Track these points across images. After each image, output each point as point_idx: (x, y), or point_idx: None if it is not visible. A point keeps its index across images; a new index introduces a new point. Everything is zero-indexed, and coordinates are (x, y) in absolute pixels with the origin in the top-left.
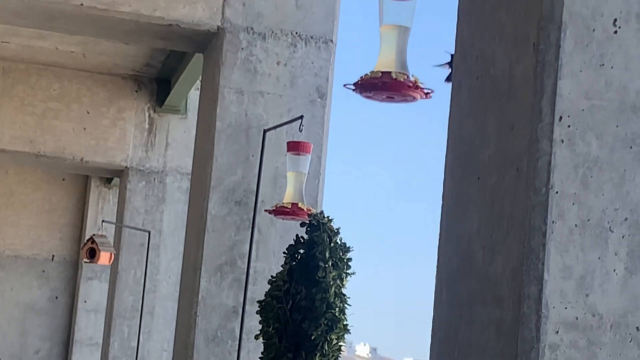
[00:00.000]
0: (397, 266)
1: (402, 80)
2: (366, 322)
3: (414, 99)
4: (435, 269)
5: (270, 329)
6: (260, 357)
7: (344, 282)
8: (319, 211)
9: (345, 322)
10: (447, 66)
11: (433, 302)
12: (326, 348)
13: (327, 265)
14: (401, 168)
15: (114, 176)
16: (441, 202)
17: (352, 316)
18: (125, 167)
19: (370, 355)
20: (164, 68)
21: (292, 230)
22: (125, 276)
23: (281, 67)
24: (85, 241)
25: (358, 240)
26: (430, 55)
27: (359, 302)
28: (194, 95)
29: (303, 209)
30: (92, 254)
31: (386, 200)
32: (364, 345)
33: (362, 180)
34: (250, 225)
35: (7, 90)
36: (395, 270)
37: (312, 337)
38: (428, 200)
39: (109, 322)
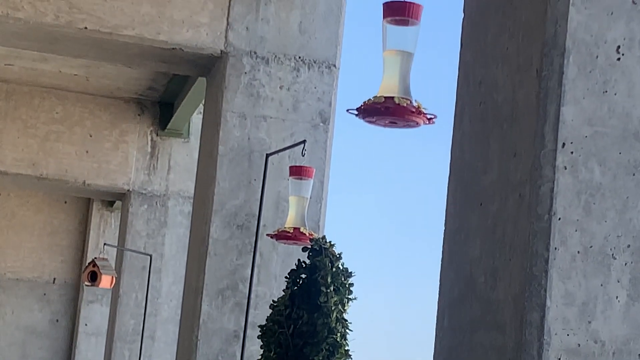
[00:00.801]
0: (399, 291)
1: (405, 105)
2: (367, 346)
3: (417, 124)
4: (438, 294)
5: (272, 354)
6: None
7: (345, 307)
8: (320, 236)
9: (346, 348)
10: None
11: (435, 328)
12: None
13: (328, 290)
14: (404, 193)
15: (115, 199)
16: (443, 228)
17: (354, 341)
18: (127, 190)
19: None
20: (167, 91)
21: (294, 254)
22: (126, 299)
23: (284, 91)
24: (87, 264)
25: (360, 265)
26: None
27: (360, 327)
28: (196, 119)
29: (305, 234)
30: (94, 277)
31: (389, 225)
32: None
33: (364, 206)
34: (252, 250)
35: (10, 112)
36: (397, 296)
37: None
38: (431, 226)
39: (109, 345)
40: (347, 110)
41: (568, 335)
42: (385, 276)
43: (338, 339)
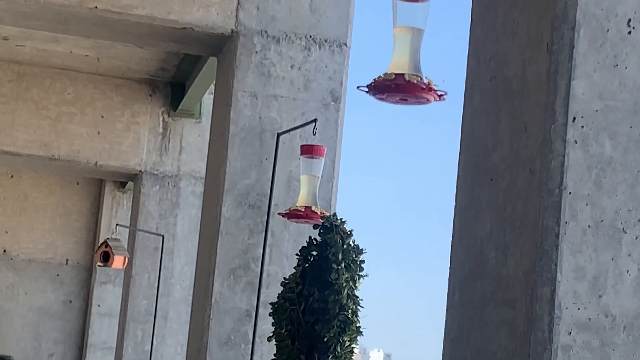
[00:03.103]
0: (411, 271)
1: (415, 82)
2: (380, 328)
3: (428, 101)
4: (448, 271)
5: (283, 331)
6: (272, 359)
7: (356, 284)
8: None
9: (357, 324)
10: None
11: (446, 304)
12: (339, 350)
13: (339, 267)
14: (415, 171)
15: (128, 180)
16: (454, 204)
17: (365, 318)
18: (140, 171)
19: None
20: (178, 72)
21: (306, 233)
22: (139, 280)
23: (295, 70)
24: (99, 245)
25: (371, 245)
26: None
27: (373, 308)
28: (208, 100)
29: (316, 213)
30: (106, 258)
31: (399, 204)
32: (378, 351)
33: (376, 184)
34: (264, 229)
35: (21, 93)
36: (408, 276)
37: (325, 339)
38: (441, 203)
39: (122, 326)
40: (358, 88)
41: (579, 309)
42: (396, 253)
43: (349, 316)
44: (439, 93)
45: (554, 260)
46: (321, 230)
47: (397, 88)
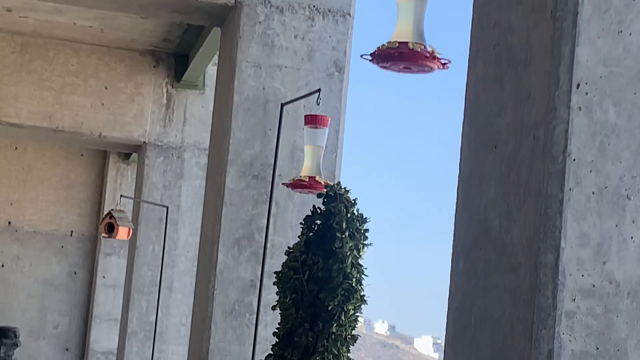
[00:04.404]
0: (416, 243)
1: (419, 50)
2: (384, 299)
3: (431, 69)
4: (452, 238)
5: (287, 300)
6: (277, 328)
7: (360, 253)
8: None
9: (362, 293)
10: None
11: (450, 271)
12: (343, 318)
13: (343, 236)
14: (419, 141)
15: (132, 151)
16: (458, 171)
17: (370, 290)
18: (144, 142)
19: (388, 332)
20: (182, 43)
21: (310, 203)
22: (143, 251)
23: (299, 40)
24: (104, 216)
25: (375, 213)
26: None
27: (378, 279)
28: (211, 71)
29: (320, 182)
30: (111, 229)
31: (404, 174)
32: (383, 322)
33: (380, 154)
34: (268, 199)
35: (25, 65)
36: (412, 247)
37: (329, 308)
38: (446, 172)
39: (127, 297)
40: (361, 56)
41: (583, 276)
42: (400, 223)
43: (353, 284)
44: (443, 61)
45: (558, 227)
46: (325, 199)
47: (400, 56)
